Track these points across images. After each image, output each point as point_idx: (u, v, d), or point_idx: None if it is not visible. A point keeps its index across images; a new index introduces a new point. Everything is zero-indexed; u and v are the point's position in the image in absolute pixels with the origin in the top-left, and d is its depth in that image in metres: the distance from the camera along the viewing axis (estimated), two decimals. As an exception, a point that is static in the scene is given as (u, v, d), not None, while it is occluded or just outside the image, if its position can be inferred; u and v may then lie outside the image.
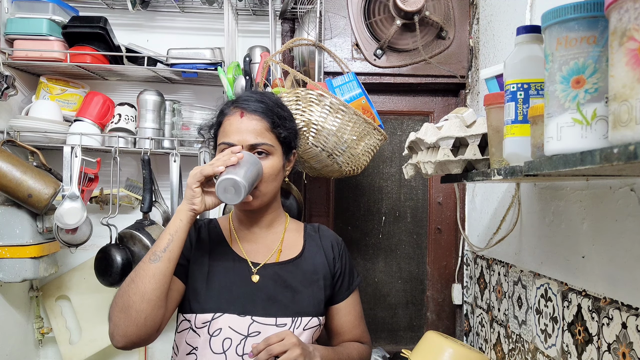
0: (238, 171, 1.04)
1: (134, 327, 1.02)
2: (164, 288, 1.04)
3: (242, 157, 1.07)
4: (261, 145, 1.15)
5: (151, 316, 1.03)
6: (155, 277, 1.03)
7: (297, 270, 1.21)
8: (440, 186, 2.03)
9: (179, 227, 1.06)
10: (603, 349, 1.00)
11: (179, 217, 1.07)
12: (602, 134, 0.63)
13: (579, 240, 1.11)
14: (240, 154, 1.08)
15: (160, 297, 1.04)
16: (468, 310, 1.90)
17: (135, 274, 1.05)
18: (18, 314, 1.83)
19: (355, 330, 1.30)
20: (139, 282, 1.03)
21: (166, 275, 1.04)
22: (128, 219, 1.84)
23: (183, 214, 1.07)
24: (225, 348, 1.11)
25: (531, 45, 0.89)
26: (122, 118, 1.80)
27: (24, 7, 1.72)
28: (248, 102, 1.19)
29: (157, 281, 1.03)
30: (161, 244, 1.05)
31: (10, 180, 1.58)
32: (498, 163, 1.00)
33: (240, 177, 1.03)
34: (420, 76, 1.95)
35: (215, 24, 1.95)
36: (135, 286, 1.02)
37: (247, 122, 1.16)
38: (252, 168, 1.08)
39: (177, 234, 1.06)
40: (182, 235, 1.07)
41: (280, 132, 1.19)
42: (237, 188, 1.03)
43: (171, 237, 1.06)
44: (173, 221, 1.07)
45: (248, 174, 1.05)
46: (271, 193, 1.20)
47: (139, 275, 1.04)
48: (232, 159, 1.05)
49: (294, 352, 1.05)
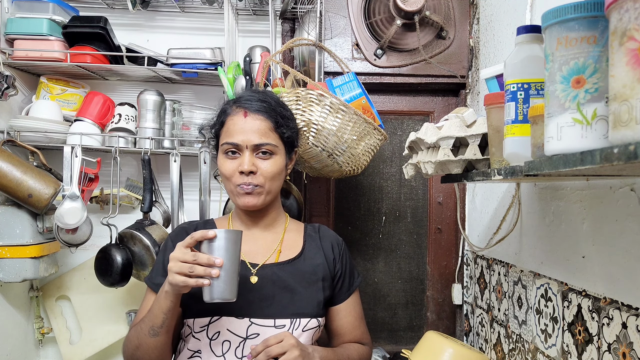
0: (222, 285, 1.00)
1: None
2: (167, 351, 1.12)
3: (222, 263, 0.99)
4: (265, 145, 1.16)
5: None
6: (157, 349, 1.09)
7: (296, 271, 1.21)
8: (440, 186, 2.03)
9: (171, 307, 1.05)
10: (603, 349, 0.99)
11: (169, 298, 1.04)
12: (603, 133, 0.63)
13: (579, 240, 1.11)
14: (220, 260, 0.99)
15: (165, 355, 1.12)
16: (468, 310, 1.90)
17: (138, 342, 1.09)
18: (18, 314, 1.83)
19: (356, 331, 1.30)
20: (144, 352, 1.09)
21: (167, 344, 1.11)
22: (128, 218, 1.84)
23: (172, 296, 1.04)
24: (224, 351, 1.11)
25: (531, 45, 0.88)
26: (123, 118, 1.80)
27: (24, 7, 1.72)
28: (251, 101, 1.19)
29: (160, 351, 1.10)
30: (157, 321, 1.06)
31: (11, 180, 1.58)
32: (498, 163, 1.00)
33: (226, 295, 1.00)
34: (421, 76, 1.95)
35: (216, 24, 1.95)
36: (141, 354, 1.10)
37: (251, 122, 1.16)
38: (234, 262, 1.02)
39: (169, 312, 1.06)
40: (174, 312, 1.07)
41: (284, 132, 1.20)
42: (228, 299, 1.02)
43: (165, 316, 1.06)
44: (164, 302, 1.05)
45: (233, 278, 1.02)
46: (274, 192, 1.21)
47: (142, 346, 1.09)
48: (214, 272, 0.98)
49: (292, 353, 1.05)
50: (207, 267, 0.99)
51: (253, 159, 1.16)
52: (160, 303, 1.05)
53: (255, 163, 1.16)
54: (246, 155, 1.16)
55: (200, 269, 0.98)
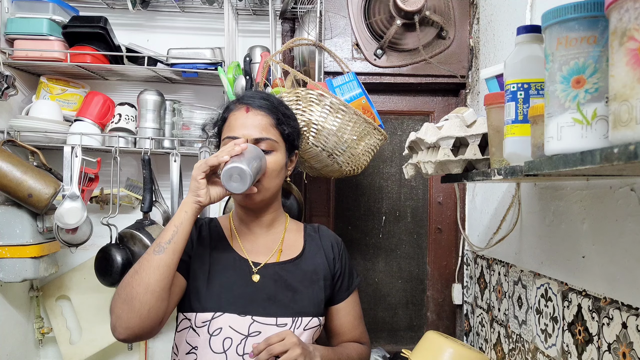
0: (242, 160, 1.05)
1: (137, 319, 1.01)
2: (168, 280, 1.04)
3: (246, 147, 1.09)
4: (265, 140, 1.17)
5: (155, 308, 1.02)
6: (159, 269, 1.02)
7: (297, 270, 1.21)
8: (440, 186, 2.03)
9: (184, 219, 1.06)
10: (603, 348, 1.00)
11: (183, 209, 1.07)
12: (603, 133, 0.63)
13: (579, 240, 1.11)
14: (245, 145, 1.09)
15: (164, 289, 1.03)
16: (468, 310, 1.90)
17: (139, 265, 1.04)
18: (18, 314, 1.83)
19: (355, 330, 1.30)
20: (143, 273, 1.02)
21: (170, 267, 1.04)
22: (128, 218, 1.84)
23: (188, 206, 1.07)
24: (225, 348, 1.11)
25: (531, 45, 0.88)
26: (123, 118, 1.80)
27: (24, 7, 1.72)
28: (253, 98, 1.21)
29: (161, 273, 1.02)
30: (166, 235, 1.05)
31: (11, 180, 1.58)
32: (498, 163, 1.00)
33: (245, 165, 1.03)
34: (421, 76, 1.95)
35: (216, 24, 1.95)
36: (139, 277, 1.02)
37: (253, 117, 1.18)
38: (256, 159, 1.09)
39: (182, 226, 1.05)
40: (187, 228, 1.06)
41: (284, 129, 1.21)
42: (242, 176, 1.03)
43: (176, 228, 1.05)
44: (178, 213, 1.07)
45: (252, 163, 1.06)
46: (273, 189, 1.21)
47: (143, 266, 1.03)
48: (237, 149, 1.06)
49: (294, 351, 1.05)
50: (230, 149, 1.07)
51: None
52: (174, 217, 1.07)
53: None
54: None
55: (224, 152, 1.06)
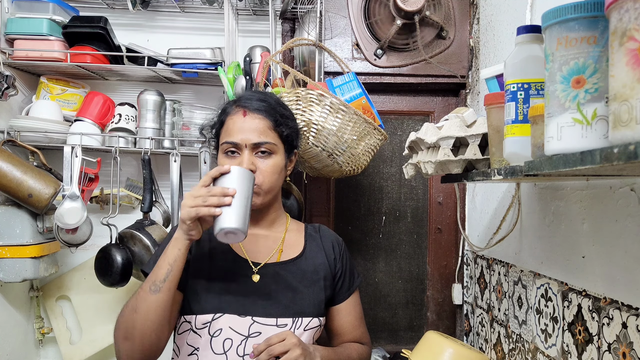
0: (234, 215, 1.01)
1: (139, 353, 1.06)
2: (166, 315, 1.07)
3: (235, 192, 1.02)
4: (264, 144, 1.16)
5: (155, 342, 1.07)
6: (157, 309, 1.04)
7: (298, 270, 1.21)
8: (440, 186, 2.03)
9: (177, 256, 1.05)
10: (603, 348, 1.00)
11: (177, 246, 1.05)
12: (603, 133, 0.63)
13: (579, 240, 1.11)
14: (232, 189, 1.02)
15: (163, 324, 1.07)
16: (468, 310, 1.90)
17: (136, 302, 1.06)
18: (18, 314, 1.83)
19: (356, 331, 1.30)
20: (142, 312, 1.04)
21: (167, 305, 1.06)
22: (128, 218, 1.84)
23: (181, 243, 1.05)
24: (226, 348, 1.11)
25: (531, 45, 0.89)
26: (123, 118, 1.80)
27: (24, 7, 1.72)
28: (250, 100, 1.19)
29: (159, 313, 1.05)
30: (160, 273, 1.05)
31: (11, 180, 1.58)
32: (498, 163, 1.00)
33: (239, 224, 1.01)
34: (421, 76, 1.95)
35: (216, 24, 1.95)
36: (138, 316, 1.04)
37: (250, 121, 1.17)
38: (246, 196, 1.04)
39: (175, 263, 1.05)
40: (181, 264, 1.06)
41: (283, 131, 1.20)
42: (236, 233, 1.02)
43: (170, 267, 1.05)
44: (171, 250, 1.05)
45: (244, 210, 1.03)
46: (274, 191, 1.21)
47: (140, 306, 1.05)
48: (227, 199, 1.01)
49: (294, 352, 1.05)
50: (220, 197, 1.01)
51: (252, 157, 1.16)
52: (166, 254, 1.06)
53: (254, 162, 1.16)
54: (245, 154, 1.16)
55: (214, 198, 1.01)
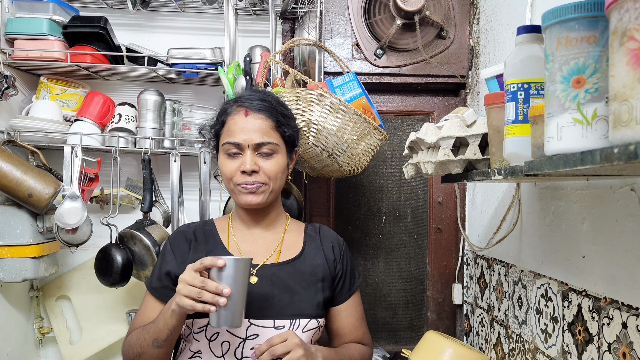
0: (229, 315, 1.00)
1: None
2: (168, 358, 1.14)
3: (230, 293, 0.99)
4: (267, 144, 1.16)
5: None
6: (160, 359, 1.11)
7: (295, 271, 1.21)
8: (440, 186, 2.03)
9: (176, 325, 1.06)
10: (603, 348, 1.00)
11: (174, 317, 1.04)
12: (603, 133, 0.63)
13: (579, 240, 1.11)
14: (227, 290, 0.99)
15: None
16: (468, 310, 1.90)
17: (141, 349, 1.10)
18: (18, 314, 1.83)
19: (357, 331, 1.29)
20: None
21: (169, 355, 1.13)
22: (128, 218, 1.84)
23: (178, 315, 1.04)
24: (224, 351, 1.11)
25: (531, 45, 0.88)
26: (123, 118, 1.80)
27: (24, 7, 1.72)
28: (252, 100, 1.18)
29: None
30: (162, 335, 1.07)
31: (11, 180, 1.58)
32: (498, 163, 1.00)
33: (233, 324, 1.01)
34: (421, 76, 1.95)
35: (216, 24, 1.95)
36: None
37: (252, 121, 1.16)
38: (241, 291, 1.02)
39: (175, 329, 1.06)
40: (180, 329, 1.08)
41: (285, 131, 1.20)
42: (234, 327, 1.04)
43: (170, 332, 1.06)
44: (170, 319, 1.05)
45: (240, 307, 1.02)
46: (277, 191, 1.21)
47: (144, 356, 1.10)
48: (221, 300, 0.98)
49: (296, 352, 1.04)
50: (214, 294, 0.98)
51: (255, 158, 1.16)
52: (166, 319, 1.06)
53: (257, 162, 1.15)
54: (248, 154, 1.15)
55: (208, 295, 0.98)
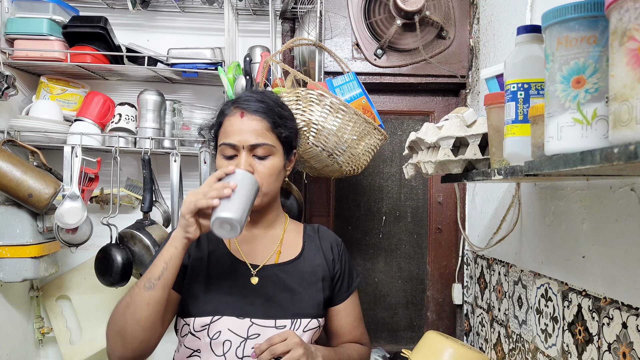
0: (232, 207, 1.00)
1: (130, 351, 1.05)
2: (159, 314, 1.05)
3: (236, 186, 1.02)
4: (262, 145, 1.15)
5: (147, 340, 1.05)
6: (150, 305, 1.03)
7: (296, 271, 1.21)
8: (440, 186, 2.03)
9: (174, 254, 1.04)
10: (603, 348, 1.00)
11: (173, 244, 1.04)
12: (603, 133, 0.63)
13: (579, 240, 1.11)
14: (234, 183, 1.02)
15: (156, 322, 1.05)
16: (468, 310, 1.90)
17: (130, 299, 1.04)
18: (18, 314, 1.83)
19: (355, 331, 1.30)
20: (134, 309, 1.03)
21: (161, 303, 1.04)
22: (128, 218, 1.84)
23: (178, 242, 1.04)
24: (225, 350, 1.11)
25: (531, 45, 0.89)
26: (123, 118, 1.80)
27: (24, 7, 1.72)
28: (248, 102, 1.18)
29: (152, 309, 1.03)
30: (155, 271, 1.04)
31: (11, 180, 1.58)
32: (498, 163, 1.00)
33: (235, 215, 0.99)
34: (421, 76, 1.95)
35: (216, 24, 1.95)
36: (131, 313, 1.03)
37: (248, 122, 1.15)
38: (246, 195, 1.03)
39: (171, 261, 1.04)
40: (177, 262, 1.05)
41: (282, 132, 1.18)
42: (233, 225, 1.01)
43: (165, 264, 1.04)
44: (167, 248, 1.04)
45: (243, 206, 1.02)
46: (273, 193, 1.21)
47: (134, 301, 1.03)
48: (226, 191, 1.00)
49: (296, 351, 1.05)
50: (220, 190, 1.00)
51: (250, 159, 1.15)
52: (163, 252, 1.05)
53: (252, 163, 1.15)
54: (243, 155, 1.15)
55: (214, 192, 1.01)
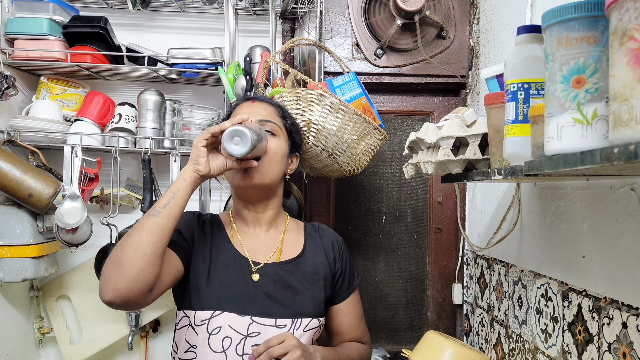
0: (244, 126, 1.06)
1: (125, 280, 0.97)
2: (160, 244, 1.00)
3: (248, 119, 1.11)
4: (269, 122, 1.22)
5: (144, 271, 0.98)
6: (152, 231, 0.99)
7: (297, 270, 1.21)
8: (440, 186, 2.03)
9: (182, 186, 1.04)
10: (603, 348, 1.00)
11: (182, 177, 1.06)
12: (603, 133, 0.63)
13: (579, 240, 1.11)
14: (247, 117, 1.10)
15: (156, 253, 1.00)
16: (468, 310, 1.90)
17: (132, 229, 1.02)
18: (18, 314, 1.83)
19: (356, 330, 1.30)
20: (135, 235, 0.99)
21: (164, 231, 1.01)
22: (128, 218, 1.84)
23: (187, 174, 1.06)
24: (225, 347, 1.11)
25: (531, 45, 0.88)
26: (123, 118, 1.80)
27: (24, 7, 1.72)
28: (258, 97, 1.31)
29: (153, 235, 0.99)
30: (162, 201, 1.03)
31: (11, 180, 1.58)
32: (498, 163, 1.00)
33: (246, 129, 1.04)
34: (421, 76, 1.95)
35: (216, 24, 1.95)
36: (131, 239, 0.99)
37: (258, 105, 1.26)
38: (258, 131, 1.10)
39: (179, 192, 1.04)
40: (185, 195, 1.04)
41: (287, 121, 1.27)
42: (243, 138, 1.03)
43: (172, 194, 1.03)
44: (176, 181, 1.06)
45: (254, 132, 1.07)
46: (273, 176, 1.20)
47: (135, 229, 1.01)
48: (238, 117, 1.08)
49: (294, 353, 1.05)
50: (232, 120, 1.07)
51: None
52: (171, 186, 1.06)
53: None
54: None
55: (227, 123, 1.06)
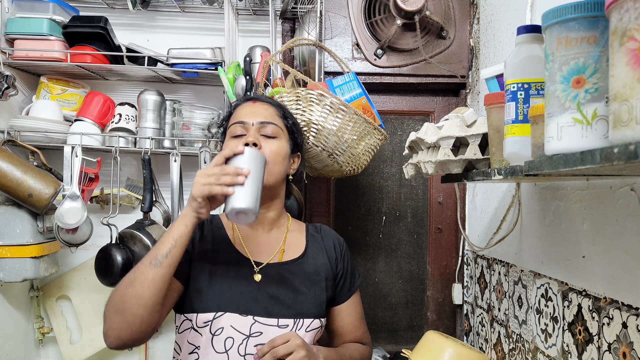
0: (247, 195, 1.01)
1: (128, 330, 1.01)
2: (162, 294, 1.02)
3: (249, 172, 1.02)
4: (270, 124, 1.21)
5: (147, 321, 1.01)
6: (154, 283, 1.00)
7: (299, 271, 1.21)
8: (440, 186, 2.03)
9: (183, 232, 1.03)
10: (603, 348, 1.00)
11: (183, 222, 1.03)
12: (603, 133, 0.63)
13: (579, 240, 1.11)
14: (247, 169, 1.02)
15: (158, 303, 1.02)
16: (468, 310, 1.90)
17: (134, 275, 1.02)
18: (18, 314, 1.83)
19: (357, 331, 1.30)
20: (138, 286, 1.00)
21: (165, 281, 1.02)
22: (128, 218, 1.84)
23: (188, 220, 1.03)
24: (227, 347, 1.11)
25: (531, 45, 0.89)
26: (123, 118, 1.80)
27: (25, 7, 1.72)
28: (259, 97, 1.30)
29: (155, 287, 1.00)
30: (163, 248, 1.02)
31: (11, 180, 1.58)
32: (498, 163, 1.00)
33: (250, 204, 1.00)
34: (421, 76, 1.95)
35: (216, 24, 1.95)
36: (134, 290, 1.00)
37: (259, 106, 1.24)
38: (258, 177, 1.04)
39: (180, 239, 1.02)
40: (185, 241, 1.03)
41: (288, 121, 1.26)
42: (248, 213, 1.02)
43: (174, 242, 1.02)
44: (177, 226, 1.03)
45: (256, 191, 1.03)
46: (275, 177, 1.20)
47: (138, 278, 1.01)
48: (240, 179, 1.00)
49: (299, 353, 1.05)
50: (234, 176, 1.00)
51: (258, 135, 1.19)
52: (172, 229, 1.03)
53: (259, 139, 1.18)
54: (252, 131, 1.19)
55: (227, 177, 1.00)
